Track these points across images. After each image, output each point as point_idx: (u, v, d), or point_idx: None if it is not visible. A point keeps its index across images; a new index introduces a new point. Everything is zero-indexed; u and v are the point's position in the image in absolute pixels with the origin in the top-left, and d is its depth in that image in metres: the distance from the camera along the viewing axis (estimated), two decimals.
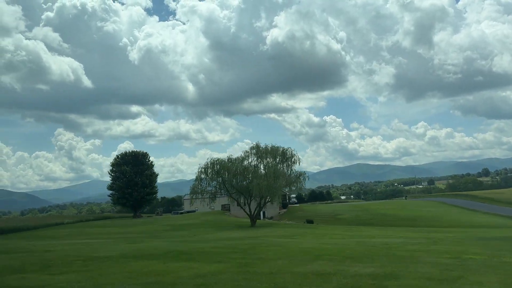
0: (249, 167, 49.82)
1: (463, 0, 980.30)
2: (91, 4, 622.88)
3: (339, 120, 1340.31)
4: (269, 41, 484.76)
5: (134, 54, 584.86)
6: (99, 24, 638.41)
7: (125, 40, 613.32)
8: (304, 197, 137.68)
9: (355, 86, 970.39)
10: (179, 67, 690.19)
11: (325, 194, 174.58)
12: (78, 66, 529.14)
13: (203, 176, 49.76)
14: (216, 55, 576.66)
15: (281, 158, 50.67)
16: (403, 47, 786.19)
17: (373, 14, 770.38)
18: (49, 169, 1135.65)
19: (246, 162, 50.50)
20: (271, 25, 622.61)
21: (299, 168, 52.19)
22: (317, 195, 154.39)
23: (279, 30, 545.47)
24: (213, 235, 33.93)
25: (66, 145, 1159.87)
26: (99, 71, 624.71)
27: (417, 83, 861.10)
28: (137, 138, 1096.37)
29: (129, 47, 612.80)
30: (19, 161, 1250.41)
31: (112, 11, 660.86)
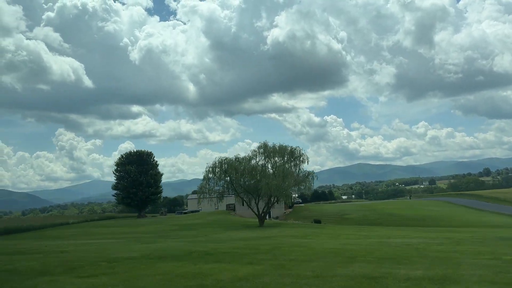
0: (257, 167, 49.35)
1: None
2: (91, 4, 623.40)
3: (340, 120, 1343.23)
4: (269, 41, 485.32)
5: (135, 54, 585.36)
6: (100, 24, 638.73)
7: (126, 40, 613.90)
8: (307, 196, 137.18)
9: (355, 86, 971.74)
10: (179, 67, 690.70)
11: (328, 194, 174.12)
12: (78, 66, 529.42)
13: (210, 175, 49.30)
14: (216, 55, 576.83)
15: (289, 157, 50.20)
16: (404, 47, 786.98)
17: (373, 14, 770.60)
18: (50, 169, 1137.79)
19: (253, 161, 50.01)
20: (272, 25, 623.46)
21: (306, 167, 51.79)
22: (319, 195, 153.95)
23: (279, 30, 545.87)
24: (224, 235, 33.42)
25: (67, 145, 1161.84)
26: (100, 71, 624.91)
27: (418, 83, 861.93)
28: (138, 138, 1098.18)
29: (130, 47, 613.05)
30: (20, 161, 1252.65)
31: (112, 11, 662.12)
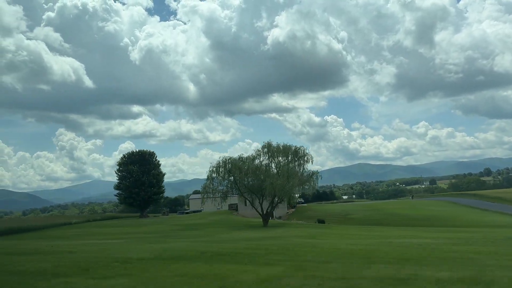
0: (261, 166, 49.06)
1: None
2: (92, 4, 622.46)
3: (340, 120, 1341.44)
4: (270, 41, 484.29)
5: (135, 54, 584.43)
6: (100, 24, 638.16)
7: (126, 40, 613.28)
8: (308, 196, 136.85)
9: (356, 86, 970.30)
10: (180, 67, 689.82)
11: (329, 194, 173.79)
12: (79, 66, 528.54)
13: (214, 175, 49.06)
14: (217, 55, 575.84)
15: (293, 156, 49.93)
16: (404, 47, 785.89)
17: (374, 13, 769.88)
18: (50, 169, 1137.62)
19: (257, 161, 49.74)
20: (272, 25, 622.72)
21: (310, 167, 51.48)
22: (321, 195, 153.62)
23: (280, 30, 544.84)
24: (230, 234, 33.14)
25: (67, 145, 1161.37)
26: (100, 71, 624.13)
27: (418, 82, 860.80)
28: (138, 138, 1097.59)
29: (130, 47, 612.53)
30: (21, 161, 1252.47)
31: (113, 11, 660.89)
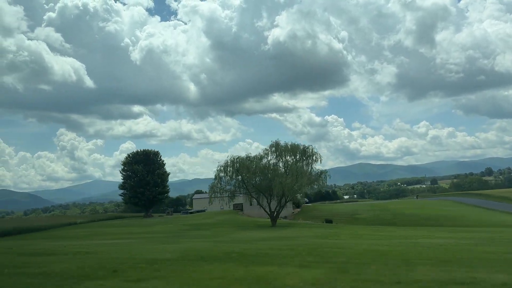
0: (269, 166, 48.61)
1: None
2: (92, 4, 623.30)
3: (341, 119, 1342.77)
4: (270, 40, 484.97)
5: (135, 54, 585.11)
6: (101, 24, 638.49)
7: (127, 40, 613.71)
8: (311, 196, 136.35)
9: (356, 85, 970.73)
10: (180, 67, 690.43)
11: (331, 193, 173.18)
12: (80, 66, 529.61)
13: (222, 174, 48.60)
14: (217, 55, 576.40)
15: (301, 156, 49.50)
16: (405, 47, 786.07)
17: (374, 13, 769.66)
18: (51, 169, 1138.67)
19: (265, 160, 49.32)
20: (273, 25, 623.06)
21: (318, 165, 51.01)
22: (324, 195, 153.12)
23: (280, 29, 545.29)
24: (242, 234, 32.61)
25: (68, 145, 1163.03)
26: (101, 71, 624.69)
27: (419, 82, 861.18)
28: (139, 138, 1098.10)
29: (131, 47, 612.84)
30: (22, 161, 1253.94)
31: (113, 11, 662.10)
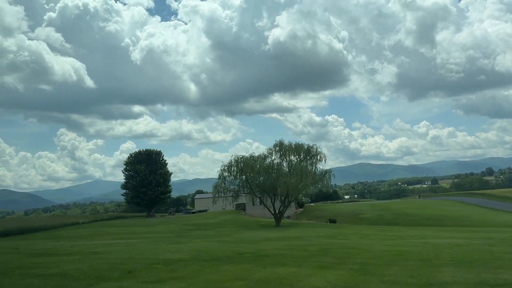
0: (273, 165, 48.42)
1: None
2: (93, 4, 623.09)
3: (341, 119, 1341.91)
4: (271, 40, 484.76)
5: (136, 54, 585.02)
6: (101, 24, 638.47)
7: (127, 40, 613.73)
8: (312, 196, 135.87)
9: (357, 85, 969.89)
10: (181, 67, 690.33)
11: (332, 193, 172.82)
12: (80, 66, 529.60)
13: (226, 174, 48.40)
14: (218, 55, 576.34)
15: (305, 155, 49.29)
16: (405, 46, 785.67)
17: (375, 13, 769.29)
18: (52, 169, 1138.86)
19: (268, 159, 49.14)
20: (273, 25, 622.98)
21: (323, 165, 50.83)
22: (325, 195, 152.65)
23: (281, 29, 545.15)
24: (248, 234, 32.36)
25: (68, 145, 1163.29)
26: (101, 71, 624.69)
27: (419, 82, 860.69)
28: (140, 138, 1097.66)
29: (131, 47, 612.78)
30: (22, 161, 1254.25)
31: (114, 11, 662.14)
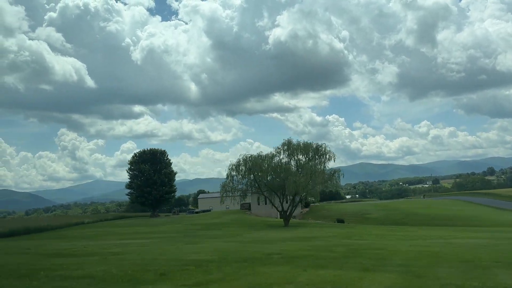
0: (281, 164, 47.91)
1: None
2: (93, 4, 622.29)
3: (342, 119, 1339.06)
4: (271, 40, 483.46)
5: (136, 54, 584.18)
6: (101, 24, 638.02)
7: (127, 40, 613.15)
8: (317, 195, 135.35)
9: (358, 85, 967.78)
10: (181, 67, 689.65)
11: (335, 193, 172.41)
12: (81, 66, 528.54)
13: (234, 173, 47.92)
14: (218, 54, 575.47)
15: (313, 154, 48.73)
16: (406, 46, 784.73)
17: (376, 13, 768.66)
18: (53, 169, 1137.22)
19: (276, 158, 48.62)
20: (274, 25, 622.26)
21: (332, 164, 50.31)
22: (327, 194, 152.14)
23: (281, 29, 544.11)
24: (260, 234, 31.92)
25: (69, 145, 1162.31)
26: (102, 71, 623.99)
27: (420, 82, 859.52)
28: (140, 138, 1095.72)
29: (132, 47, 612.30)
30: (23, 161, 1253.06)
31: (114, 11, 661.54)
